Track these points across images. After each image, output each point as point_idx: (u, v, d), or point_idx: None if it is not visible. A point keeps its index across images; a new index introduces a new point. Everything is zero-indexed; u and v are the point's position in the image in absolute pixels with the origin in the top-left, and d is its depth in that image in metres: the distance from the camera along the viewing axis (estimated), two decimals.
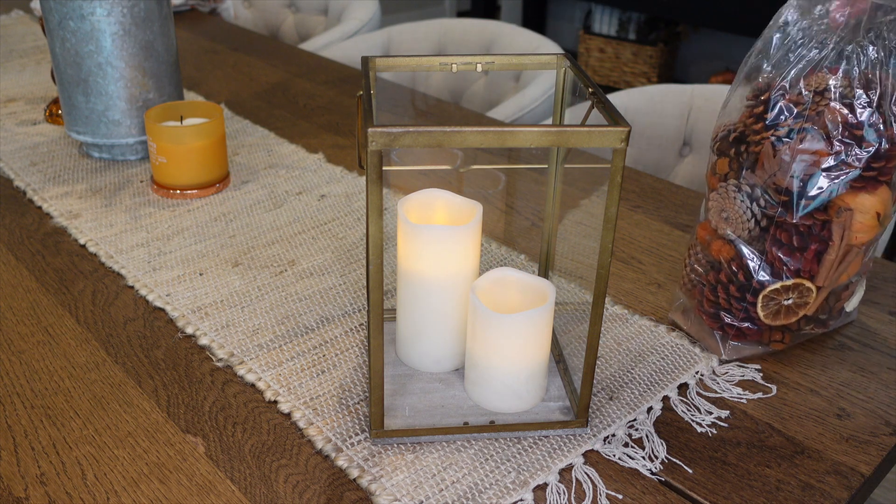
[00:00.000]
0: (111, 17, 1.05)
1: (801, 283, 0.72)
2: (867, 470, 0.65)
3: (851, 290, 0.77)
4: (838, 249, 0.71)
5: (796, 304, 0.73)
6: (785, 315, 0.74)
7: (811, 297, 0.73)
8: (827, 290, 0.73)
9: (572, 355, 0.75)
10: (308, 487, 0.62)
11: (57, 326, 0.80)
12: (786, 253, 0.72)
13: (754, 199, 0.71)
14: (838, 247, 0.71)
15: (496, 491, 0.62)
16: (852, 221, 0.71)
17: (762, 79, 0.72)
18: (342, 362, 0.75)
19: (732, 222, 0.73)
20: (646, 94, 1.42)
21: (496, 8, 4.25)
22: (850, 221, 0.70)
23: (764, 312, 0.73)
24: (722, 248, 0.75)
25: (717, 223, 0.75)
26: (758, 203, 0.71)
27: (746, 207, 0.72)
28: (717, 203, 0.75)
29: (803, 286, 0.72)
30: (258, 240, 0.96)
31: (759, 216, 0.72)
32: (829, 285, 0.73)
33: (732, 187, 0.73)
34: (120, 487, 0.62)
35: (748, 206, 0.72)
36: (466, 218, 0.70)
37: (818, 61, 0.70)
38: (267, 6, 2.34)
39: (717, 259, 0.76)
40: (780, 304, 0.73)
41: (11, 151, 1.18)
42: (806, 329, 0.77)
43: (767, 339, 0.77)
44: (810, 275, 0.72)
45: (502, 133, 0.55)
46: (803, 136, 0.69)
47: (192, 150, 1.03)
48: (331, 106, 1.39)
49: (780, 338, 0.77)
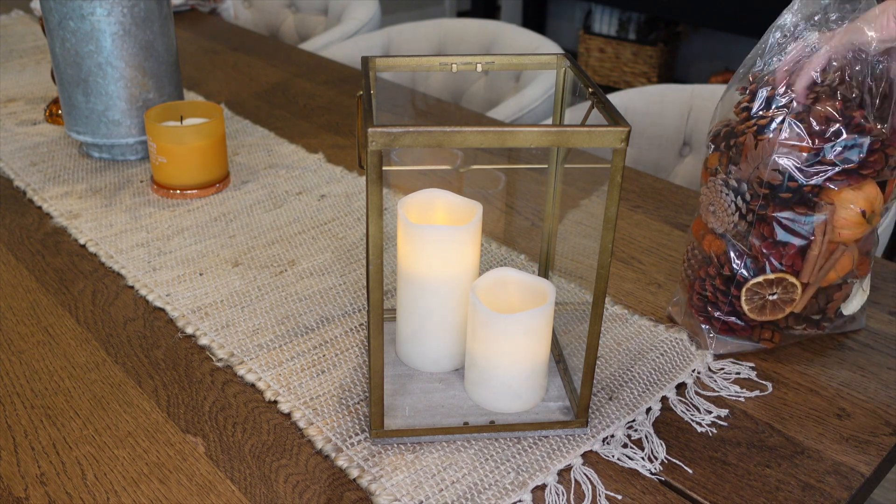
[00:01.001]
0: (111, 17, 1.05)
1: (784, 278, 0.72)
2: (867, 470, 0.65)
3: (846, 292, 0.77)
4: (821, 245, 0.71)
5: (781, 300, 0.74)
6: (771, 311, 0.74)
7: (796, 294, 0.73)
8: (813, 287, 0.73)
9: (572, 355, 0.75)
10: (308, 487, 0.62)
11: (57, 326, 0.80)
12: (768, 247, 0.72)
13: (740, 193, 0.72)
14: (821, 242, 0.71)
15: (495, 491, 0.62)
16: (835, 217, 0.70)
17: (752, 74, 0.73)
18: (342, 362, 0.75)
19: (719, 216, 0.74)
20: (646, 94, 1.42)
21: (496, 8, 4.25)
22: (832, 217, 0.70)
23: (748, 306, 0.74)
24: (713, 243, 0.76)
25: (706, 217, 0.76)
26: (742, 197, 0.72)
27: (731, 201, 0.72)
28: (707, 197, 0.75)
29: (787, 281, 0.72)
30: (258, 240, 0.96)
31: (743, 210, 0.72)
32: (815, 282, 0.73)
33: (720, 181, 0.74)
34: (120, 487, 0.62)
35: (733, 200, 0.72)
36: (466, 218, 0.70)
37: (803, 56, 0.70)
38: (267, 6, 2.34)
39: (709, 253, 0.76)
40: (765, 298, 0.73)
41: (11, 151, 1.18)
42: (798, 329, 0.77)
43: (757, 336, 0.77)
44: (793, 270, 0.73)
45: (502, 133, 0.55)
46: (783, 128, 0.69)
47: (192, 150, 1.03)
48: (331, 106, 1.39)
49: (769, 336, 0.77)
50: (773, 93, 0.70)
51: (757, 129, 0.70)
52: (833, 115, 0.69)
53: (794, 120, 0.69)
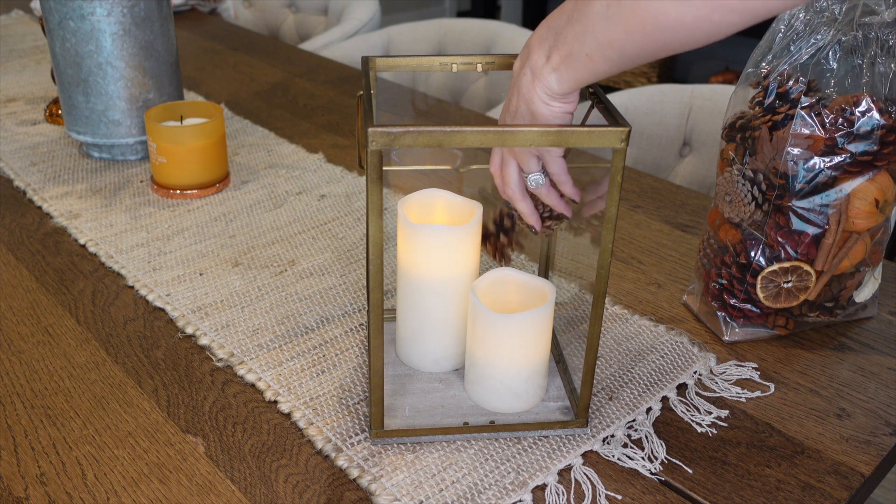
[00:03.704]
0: (111, 17, 1.05)
1: (799, 266, 0.73)
2: (867, 470, 0.65)
3: (859, 280, 0.77)
4: (835, 234, 0.72)
5: (796, 288, 0.74)
6: (786, 298, 0.75)
7: (811, 282, 0.74)
8: (827, 275, 0.74)
9: (572, 355, 0.75)
10: (308, 487, 0.62)
11: (57, 326, 0.80)
12: (783, 236, 0.73)
13: (756, 183, 0.73)
14: (835, 231, 0.72)
15: (496, 491, 0.61)
16: (849, 206, 0.72)
17: (764, 68, 0.74)
18: (342, 362, 0.75)
19: (735, 205, 0.75)
20: (646, 94, 1.42)
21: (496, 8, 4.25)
22: (846, 206, 0.72)
23: (763, 294, 0.75)
24: (728, 232, 0.77)
25: (722, 206, 0.77)
26: (759, 187, 0.73)
27: (748, 191, 0.74)
28: (723, 187, 0.77)
29: (802, 269, 0.73)
30: (258, 240, 0.96)
31: (759, 199, 0.74)
32: (829, 270, 0.74)
33: (736, 171, 0.75)
34: (120, 487, 0.62)
35: (749, 190, 0.74)
36: (466, 218, 0.70)
37: (815, 52, 0.71)
38: (267, 6, 2.34)
39: (724, 242, 0.77)
40: (780, 286, 0.74)
41: (11, 151, 1.18)
42: (811, 315, 0.78)
43: (772, 323, 0.78)
44: (808, 258, 0.74)
45: (502, 133, 0.55)
46: (797, 122, 0.70)
47: (192, 150, 1.03)
48: (331, 106, 1.39)
49: (783, 322, 0.78)
50: (784, 88, 0.71)
51: (772, 124, 0.72)
52: (846, 107, 0.69)
53: (807, 112, 0.70)
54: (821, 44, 0.70)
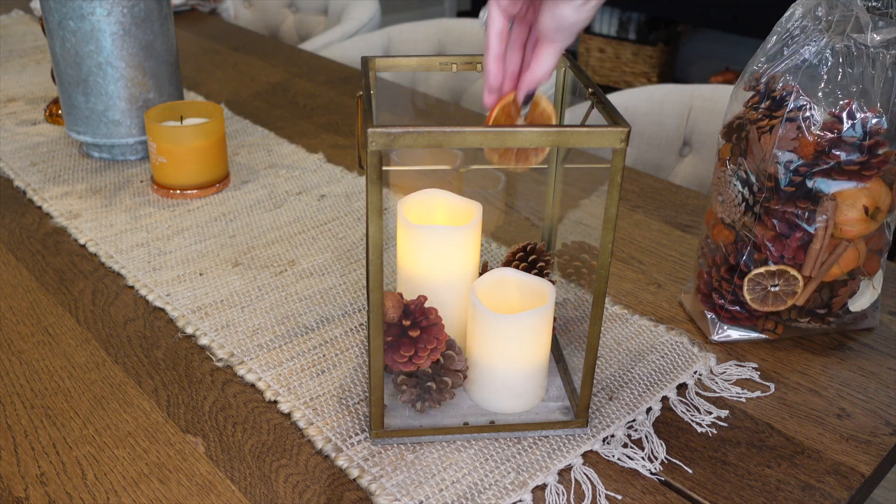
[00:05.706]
0: (111, 17, 1.05)
1: (785, 270, 0.73)
2: (867, 470, 0.65)
3: (852, 288, 0.77)
4: (822, 240, 0.72)
5: (784, 292, 0.74)
6: (773, 302, 0.75)
7: (798, 287, 0.74)
8: (816, 281, 0.74)
9: (572, 355, 0.75)
10: (308, 487, 0.62)
11: (57, 326, 0.80)
12: (771, 239, 0.73)
13: (748, 184, 0.73)
14: (822, 237, 0.72)
15: (496, 491, 0.61)
16: (837, 213, 0.71)
17: (757, 70, 0.74)
18: (342, 362, 0.75)
19: (726, 205, 0.75)
20: (646, 94, 1.42)
21: None
22: (833, 212, 0.71)
23: (750, 296, 0.75)
24: (721, 232, 0.77)
25: (715, 206, 0.77)
26: (750, 188, 0.73)
27: (738, 192, 0.74)
28: (716, 187, 0.77)
29: (789, 273, 0.73)
30: (258, 240, 0.96)
31: (750, 201, 0.74)
32: (817, 277, 0.74)
33: (729, 172, 0.75)
34: (120, 487, 0.62)
35: (740, 191, 0.74)
36: (466, 218, 0.70)
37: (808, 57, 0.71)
38: (267, 6, 2.34)
39: (717, 242, 0.78)
40: (767, 289, 0.74)
41: (11, 151, 1.18)
42: (801, 321, 0.77)
43: (761, 326, 0.78)
44: (795, 263, 0.73)
45: (502, 133, 0.55)
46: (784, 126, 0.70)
47: (192, 150, 1.03)
48: (331, 106, 1.39)
49: (772, 326, 0.77)
50: (775, 92, 0.71)
51: (763, 126, 0.72)
52: (837, 113, 0.69)
53: (796, 117, 0.70)
54: (814, 50, 0.70)
